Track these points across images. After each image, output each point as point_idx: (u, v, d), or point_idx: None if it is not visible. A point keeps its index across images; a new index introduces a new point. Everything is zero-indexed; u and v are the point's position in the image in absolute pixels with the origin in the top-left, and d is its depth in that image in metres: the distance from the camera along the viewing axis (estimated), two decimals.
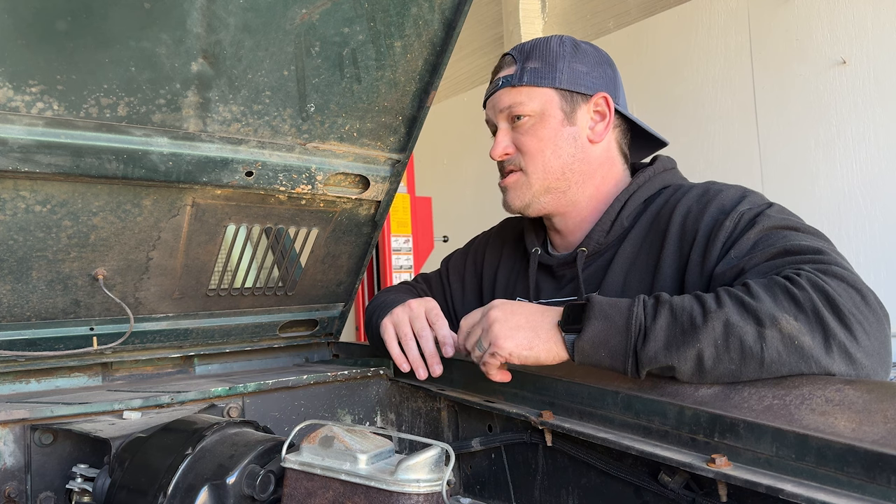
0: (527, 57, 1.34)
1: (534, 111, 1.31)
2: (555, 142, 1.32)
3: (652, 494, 0.93)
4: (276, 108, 1.27)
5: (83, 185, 1.19)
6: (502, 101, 1.34)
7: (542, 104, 1.32)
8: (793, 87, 3.47)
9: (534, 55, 1.34)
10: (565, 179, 1.33)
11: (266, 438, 0.93)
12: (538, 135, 1.32)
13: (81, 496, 0.99)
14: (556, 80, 1.32)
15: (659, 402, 0.93)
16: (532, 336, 1.02)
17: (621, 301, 0.98)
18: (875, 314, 0.90)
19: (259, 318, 1.62)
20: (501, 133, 1.36)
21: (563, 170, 1.33)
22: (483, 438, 1.19)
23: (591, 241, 1.32)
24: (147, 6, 1.05)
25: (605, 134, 1.35)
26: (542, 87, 1.32)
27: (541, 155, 1.32)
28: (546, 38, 1.38)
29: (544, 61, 1.33)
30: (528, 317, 1.04)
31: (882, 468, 0.69)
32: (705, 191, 1.22)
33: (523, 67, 1.33)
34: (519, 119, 1.33)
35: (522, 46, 1.38)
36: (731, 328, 0.89)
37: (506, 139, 1.35)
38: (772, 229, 1.07)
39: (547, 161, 1.32)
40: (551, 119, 1.32)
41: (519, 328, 1.03)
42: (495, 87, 1.37)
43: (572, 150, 1.33)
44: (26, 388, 1.36)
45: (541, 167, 1.33)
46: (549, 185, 1.33)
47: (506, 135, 1.35)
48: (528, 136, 1.33)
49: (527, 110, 1.32)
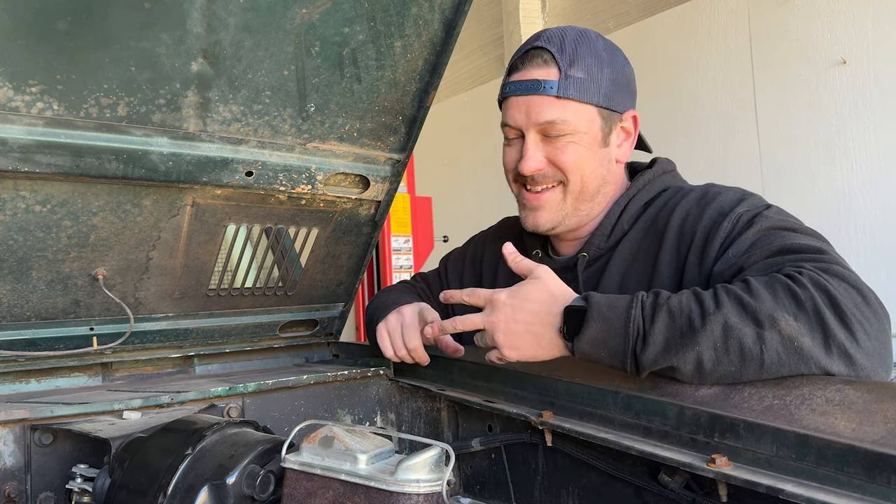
0: (571, 61, 1.21)
1: (576, 129, 1.22)
2: (591, 162, 1.25)
3: (652, 494, 0.93)
4: (276, 108, 1.27)
5: (83, 185, 1.19)
6: (542, 112, 1.21)
7: (586, 123, 1.22)
8: (793, 87, 3.47)
9: (578, 61, 1.21)
10: (592, 201, 1.29)
11: (266, 438, 0.93)
12: (577, 153, 1.23)
13: (81, 496, 0.99)
14: (600, 95, 1.22)
15: (659, 402, 0.93)
16: (534, 345, 1.03)
17: (620, 301, 0.98)
18: (876, 314, 0.90)
19: (259, 318, 1.62)
20: (532, 145, 1.24)
21: (595, 192, 1.28)
22: (483, 438, 1.19)
23: (592, 247, 1.31)
24: (147, 6, 1.05)
25: (629, 154, 1.32)
26: (587, 104, 1.22)
27: (580, 174, 1.24)
28: (584, 34, 1.26)
29: (588, 71, 1.21)
30: (529, 326, 1.04)
31: (882, 468, 0.69)
32: (704, 193, 1.21)
33: (567, 75, 1.20)
34: (553, 134, 1.22)
35: (562, 44, 1.22)
36: (729, 330, 0.89)
37: (538, 153, 1.24)
38: (770, 230, 1.07)
39: (585, 181, 1.25)
40: (590, 139, 1.24)
41: (521, 335, 1.04)
42: (531, 89, 1.22)
43: (604, 172, 1.28)
44: (26, 388, 1.36)
45: (579, 186, 1.25)
46: (579, 206, 1.28)
47: (538, 148, 1.24)
48: (565, 154, 1.23)
49: (569, 129, 1.21)
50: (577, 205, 1.28)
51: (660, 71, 3.95)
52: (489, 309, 1.07)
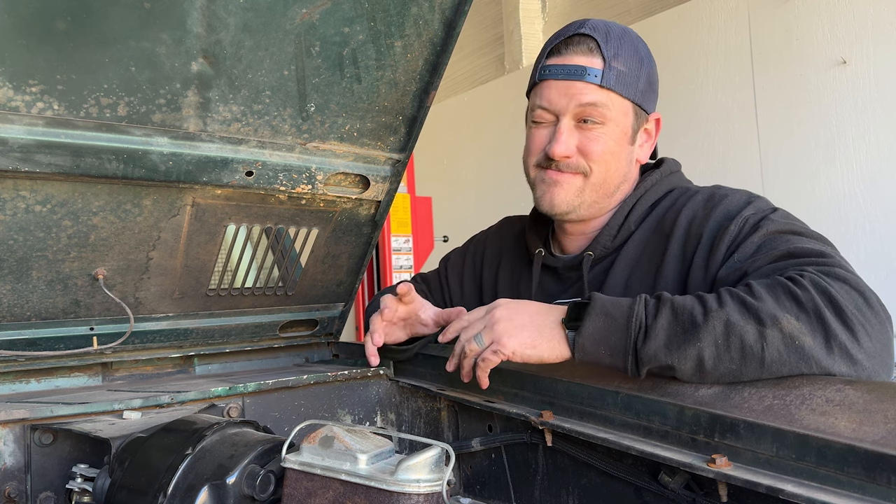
0: (615, 53, 1.22)
1: (611, 120, 1.23)
2: (618, 157, 1.26)
3: (652, 494, 0.93)
4: (276, 108, 1.27)
5: (83, 185, 1.19)
6: (585, 95, 1.21)
7: (621, 115, 1.23)
8: (793, 87, 3.47)
9: (622, 53, 1.23)
10: (610, 197, 1.29)
11: (266, 438, 0.93)
12: (608, 146, 1.23)
13: (81, 496, 0.99)
14: (638, 92, 1.24)
15: (659, 402, 0.93)
16: (535, 335, 1.02)
17: (623, 299, 0.98)
18: (878, 316, 0.90)
19: (259, 318, 1.62)
20: (567, 130, 1.23)
21: (615, 189, 1.28)
22: (483, 438, 1.19)
23: (598, 246, 1.30)
24: (147, 6, 1.04)
25: (647, 156, 1.32)
26: (625, 99, 1.23)
27: (606, 167, 1.25)
28: (627, 29, 1.28)
29: (629, 65, 1.23)
30: (532, 316, 1.04)
31: (882, 468, 0.69)
32: (711, 195, 1.22)
33: (611, 66, 1.21)
34: (587, 121, 1.22)
35: (607, 34, 1.23)
36: (731, 327, 0.89)
37: (572, 139, 1.23)
38: (776, 233, 1.07)
39: (609, 175, 1.26)
40: (622, 133, 1.25)
41: (523, 327, 1.03)
42: (576, 74, 1.21)
43: (626, 170, 1.29)
44: (26, 388, 1.36)
45: (602, 179, 1.25)
46: (596, 199, 1.28)
47: (572, 134, 1.23)
48: (598, 144, 1.23)
49: (607, 118, 1.22)
50: (595, 198, 1.28)
51: (660, 71, 3.94)
52: (491, 306, 1.07)
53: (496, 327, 1.04)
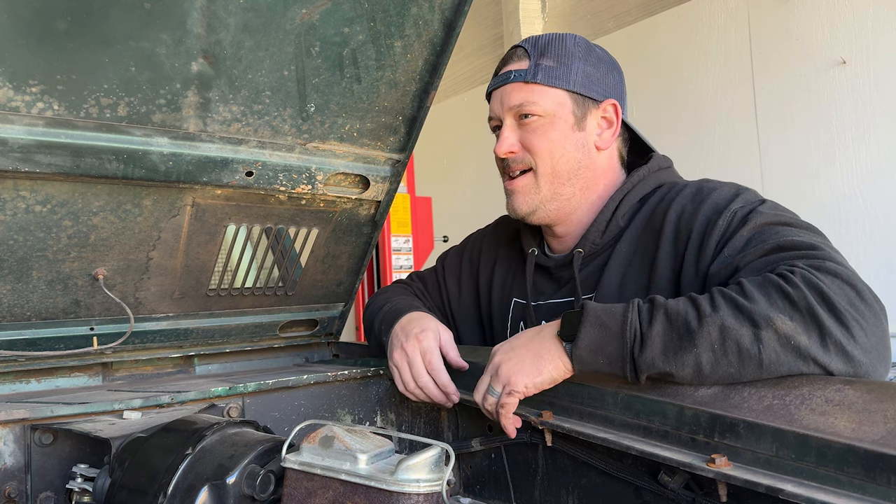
0: (541, 53, 1.29)
1: (545, 111, 1.27)
2: (564, 145, 1.28)
3: (652, 494, 0.93)
4: (276, 108, 1.27)
5: (83, 185, 1.19)
6: (512, 97, 1.29)
7: (555, 105, 1.27)
8: (793, 87, 3.47)
9: (549, 52, 1.29)
10: (571, 185, 1.30)
11: (266, 438, 0.93)
12: (548, 136, 1.28)
13: (81, 496, 0.99)
14: (571, 81, 1.27)
15: (659, 402, 0.93)
16: (537, 360, 1.03)
17: (616, 306, 0.98)
18: (871, 310, 0.90)
19: (259, 318, 1.62)
20: (508, 129, 1.30)
21: (570, 175, 1.29)
22: (483, 438, 1.19)
23: (587, 242, 1.31)
24: (147, 6, 1.05)
25: (611, 141, 1.33)
26: (556, 88, 1.27)
27: (550, 157, 1.28)
28: (560, 35, 1.33)
29: (559, 60, 1.28)
30: (527, 344, 1.06)
31: (882, 468, 0.69)
32: (699, 189, 1.22)
33: (537, 64, 1.27)
34: (527, 117, 1.28)
35: (536, 41, 1.32)
36: (726, 332, 0.89)
37: (512, 136, 1.29)
38: (765, 226, 1.07)
39: (556, 163, 1.28)
40: (562, 122, 1.28)
41: (523, 359, 1.04)
42: (504, 79, 1.30)
43: (579, 156, 1.30)
44: (26, 388, 1.36)
45: (550, 169, 1.28)
46: (556, 190, 1.29)
47: (512, 131, 1.30)
48: (537, 136, 1.28)
49: (538, 110, 1.27)
50: (552, 188, 1.29)
51: (660, 71, 3.96)
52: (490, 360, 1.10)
53: (500, 372, 1.06)
